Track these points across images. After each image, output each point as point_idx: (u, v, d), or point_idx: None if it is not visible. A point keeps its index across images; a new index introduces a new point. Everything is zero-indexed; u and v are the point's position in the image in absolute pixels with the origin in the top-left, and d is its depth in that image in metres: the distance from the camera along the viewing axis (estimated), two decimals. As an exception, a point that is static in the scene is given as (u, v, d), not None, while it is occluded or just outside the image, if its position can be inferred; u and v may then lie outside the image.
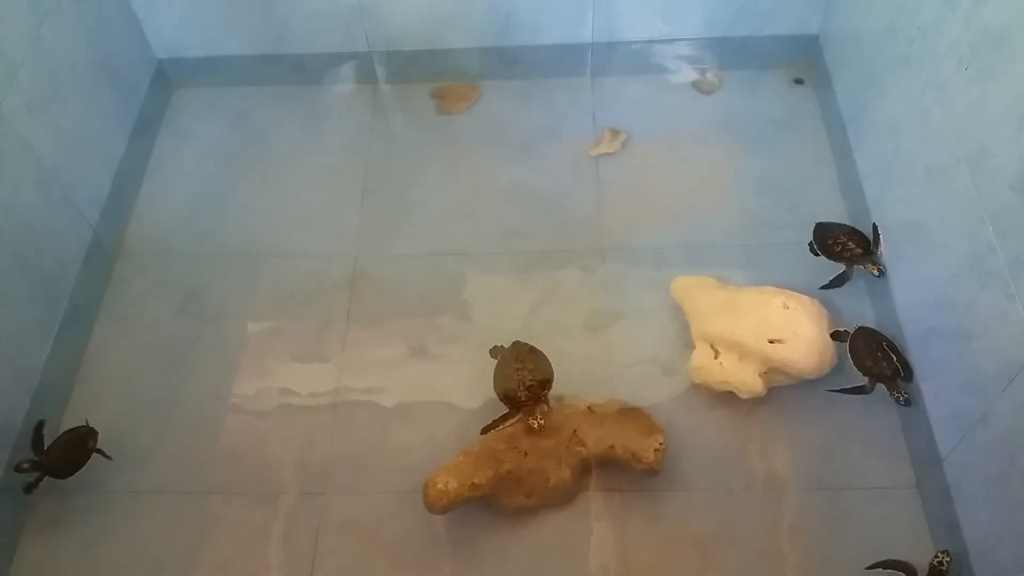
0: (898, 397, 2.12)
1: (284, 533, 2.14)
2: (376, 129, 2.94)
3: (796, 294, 2.29)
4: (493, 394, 2.24)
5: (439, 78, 3.04)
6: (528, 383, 2.14)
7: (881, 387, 2.16)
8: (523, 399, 2.13)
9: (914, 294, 2.18)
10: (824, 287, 2.37)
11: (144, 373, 2.40)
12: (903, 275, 2.24)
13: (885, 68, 2.36)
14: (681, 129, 2.86)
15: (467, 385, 2.34)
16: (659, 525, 2.10)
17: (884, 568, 1.94)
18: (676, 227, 2.62)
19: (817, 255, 2.43)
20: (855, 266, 2.36)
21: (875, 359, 2.15)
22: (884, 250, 2.32)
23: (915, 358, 2.16)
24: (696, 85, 2.98)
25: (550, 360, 2.23)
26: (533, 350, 2.24)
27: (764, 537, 2.07)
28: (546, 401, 2.17)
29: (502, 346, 2.31)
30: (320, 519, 2.15)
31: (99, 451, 2.17)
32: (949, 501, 1.97)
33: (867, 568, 1.95)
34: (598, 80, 3.00)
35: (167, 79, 3.05)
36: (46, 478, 2.10)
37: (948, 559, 1.89)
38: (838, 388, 2.19)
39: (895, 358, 2.15)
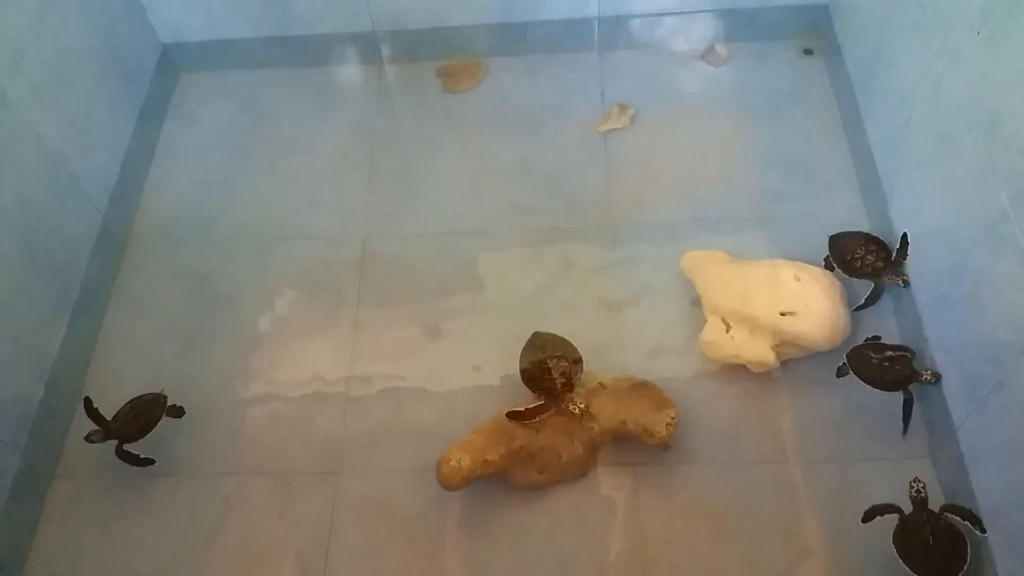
0: (927, 379, 2.05)
1: (300, 512, 2.15)
2: (382, 109, 2.93)
3: (808, 266, 2.27)
4: (504, 371, 2.27)
5: (444, 56, 3.02)
6: (562, 370, 2.13)
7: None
8: (560, 388, 2.11)
9: (927, 263, 2.16)
10: (859, 308, 2.29)
11: (157, 357, 2.42)
12: (916, 244, 2.22)
13: (896, 35, 2.33)
14: (690, 102, 2.84)
15: (478, 362, 2.35)
16: (672, 498, 2.10)
17: (877, 515, 1.93)
18: (686, 201, 2.61)
19: (833, 269, 2.32)
20: (882, 279, 2.27)
21: (888, 371, 2.07)
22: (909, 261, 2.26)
23: (928, 327, 2.14)
24: (705, 58, 2.95)
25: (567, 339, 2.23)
26: (555, 337, 2.22)
27: (777, 509, 2.07)
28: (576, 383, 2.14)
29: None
30: (335, 498, 2.16)
31: (172, 408, 2.23)
32: (963, 470, 1.96)
33: (863, 521, 1.94)
34: (605, 55, 2.98)
35: (172, 63, 3.05)
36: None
37: (923, 485, 1.92)
38: (904, 418, 2.10)
39: (902, 349, 2.10)
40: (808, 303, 2.19)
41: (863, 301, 2.28)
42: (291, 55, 3.02)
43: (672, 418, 2.08)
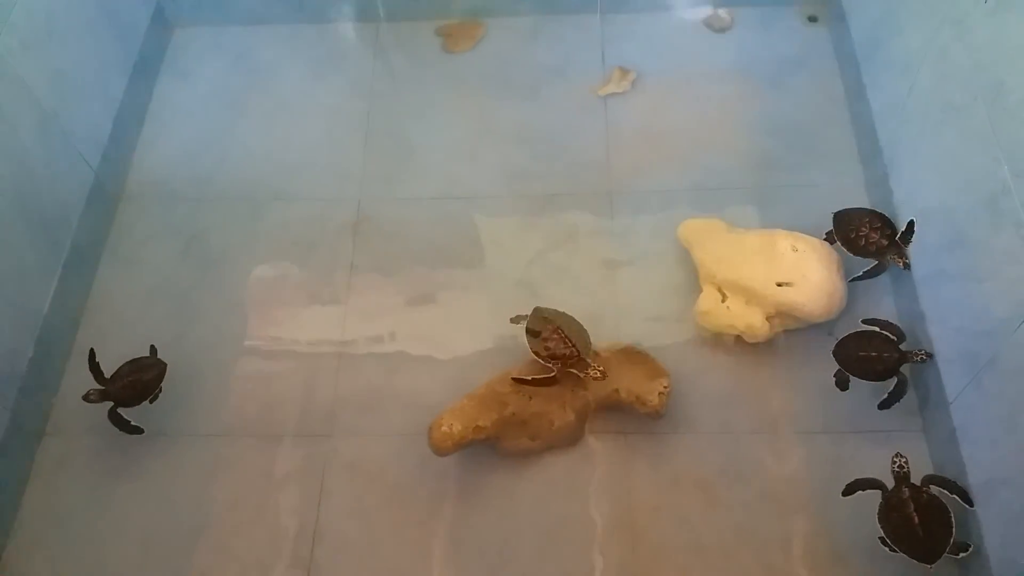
0: (919, 358, 2.04)
1: (291, 475, 2.15)
2: (379, 69, 2.88)
3: (805, 236, 2.26)
4: (499, 337, 2.28)
5: (444, 16, 2.97)
6: (565, 338, 2.08)
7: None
8: (569, 354, 2.07)
9: (926, 236, 2.14)
10: (856, 279, 2.25)
11: (149, 317, 2.40)
12: (913, 217, 2.19)
13: (901, 3, 2.29)
14: (692, 68, 2.80)
15: (472, 328, 2.33)
16: (663, 467, 2.11)
17: (859, 489, 1.93)
18: (685, 169, 2.58)
19: (834, 243, 2.28)
20: (886, 257, 2.22)
21: (877, 360, 2.04)
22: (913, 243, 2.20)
23: (925, 300, 2.13)
24: (708, 23, 2.90)
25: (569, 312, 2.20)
26: (557, 312, 2.18)
27: (769, 479, 2.07)
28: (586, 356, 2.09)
29: (524, 316, 2.21)
30: (326, 461, 2.16)
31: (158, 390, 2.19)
32: (955, 444, 1.95)
33: (843, 495, 1.94)
34: (607, 17, 2.93)
35: (166, 18, 2.99)
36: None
37: (905, 460, 1.91)
38: (885, 399, 2.07)
39: (886, 335, 2.08)
40: (805, 274, 2.17)
41: (861, 273, 2.25)
42: (288, 11, 2.97)
43: (665, 387, 2.08)
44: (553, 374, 2.08)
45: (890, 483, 1.91)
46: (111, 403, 2.12)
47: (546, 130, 2.69)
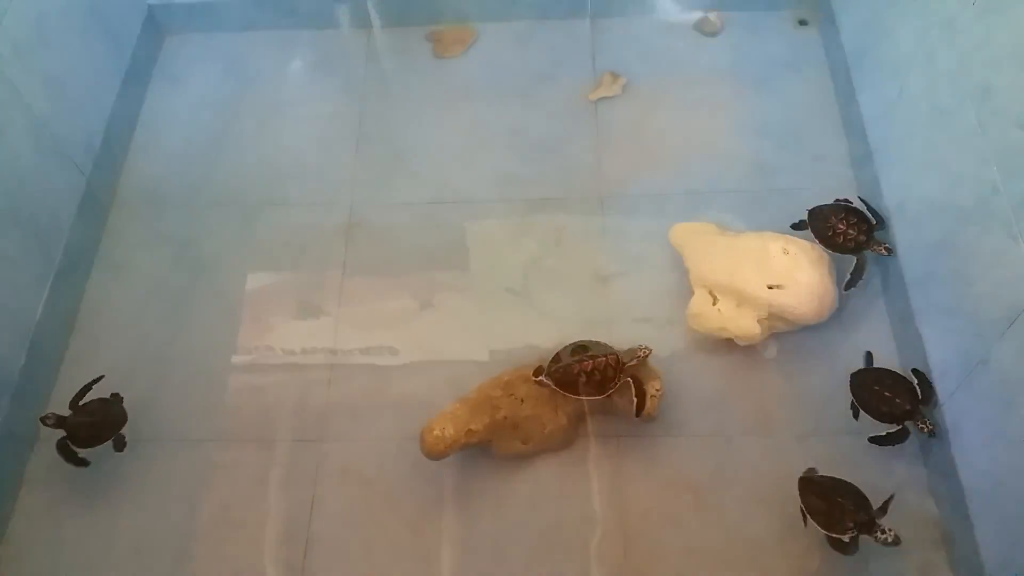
0: (923, 428, 1.98)
1: (283, 479, 2.15)
2: (370, 75, 2.88)
3: (796, 239, 2.26)
4: (490, 342, 2.31)
5: (434, 21, 2.97)
6: (595, 358, 2.06)
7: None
8: (610, 360, 2.05)
9: (916, 238, 2.15)
10: (848, 286, 2.20)
11: (141, 323, 2.40)
12: (905, 219, 2.20)
13: (891, 6, 2.30)
14: (682, 72, 2.81)
15: (464, 333, 2.34)
16: (656, 470, 2.11)
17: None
18: (676, 173, 2.58)
19: (804, 229, 2.27)
20: (864, 252, 2.21)
21: (887, 401, 2.02)
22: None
23: (915, 303, 2.13)
24: (698, 27, 2.91)
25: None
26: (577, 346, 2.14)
27: (760, 482, 2.08)
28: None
29: (541, 368, 2.11)
30: (318, 466, 2.16)
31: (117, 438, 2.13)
32: (947, 445, 1.96)
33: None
34: (598, 22, 2.93)
35: (158, 25, 2.99)
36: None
37: (893, 536, 1.82)
38: (881, 436, 2.02)
39: (909, 384, 2.04)
40: (796, 276, 2.17)
41: (849, 277, 2.23)
42: (279, 17, 2.97)
43: (657, 390, 2.08)
44: (621, 382, 2.05)
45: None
46: (63, 433, 2.06)
47: (537, 135, 2.70)
